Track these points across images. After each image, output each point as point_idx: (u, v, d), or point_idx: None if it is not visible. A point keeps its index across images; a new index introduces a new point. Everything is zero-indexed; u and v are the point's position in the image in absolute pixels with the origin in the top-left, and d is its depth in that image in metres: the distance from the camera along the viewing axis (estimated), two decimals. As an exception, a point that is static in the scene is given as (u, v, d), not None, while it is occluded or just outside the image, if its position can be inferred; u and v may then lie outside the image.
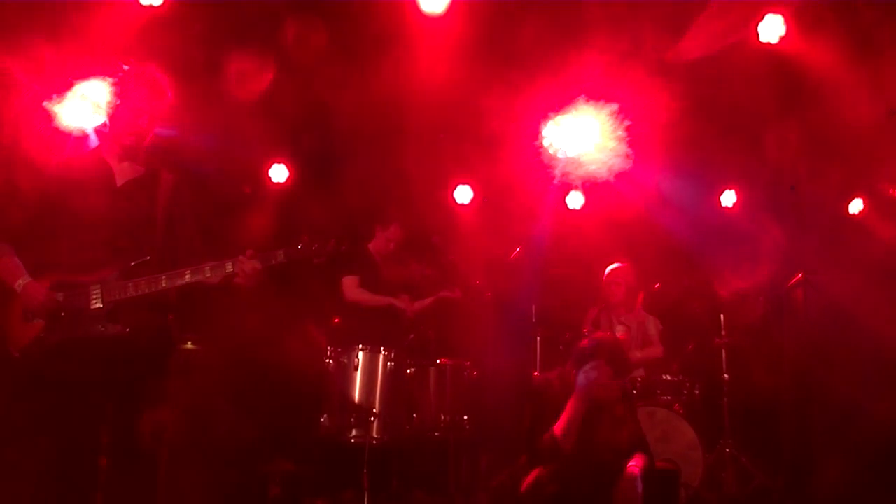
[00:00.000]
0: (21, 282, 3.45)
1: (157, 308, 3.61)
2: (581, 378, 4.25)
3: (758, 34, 6.09)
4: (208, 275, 3.54)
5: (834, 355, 6.18)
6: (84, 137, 3.69)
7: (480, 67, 6.46)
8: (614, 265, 6.83)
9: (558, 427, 4.15)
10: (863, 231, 7.78)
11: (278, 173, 7.62)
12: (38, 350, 3.45)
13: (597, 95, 6.78)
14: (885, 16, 5.93)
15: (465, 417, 5.98)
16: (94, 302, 3.47)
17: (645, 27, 6.21)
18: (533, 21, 6.13)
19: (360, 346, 5.81)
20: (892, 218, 7.63)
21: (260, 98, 6.41)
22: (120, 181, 3.64)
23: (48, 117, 3.83)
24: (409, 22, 5.96)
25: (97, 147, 3.73)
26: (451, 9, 5.83)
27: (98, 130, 3.68)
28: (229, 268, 3.55)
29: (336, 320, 6.22)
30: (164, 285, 3.51)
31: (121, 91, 3.59)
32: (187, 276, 3.53)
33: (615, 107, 6.59)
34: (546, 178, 7.39)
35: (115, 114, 3.61)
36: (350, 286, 6.21)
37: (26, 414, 3.49)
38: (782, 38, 6.09)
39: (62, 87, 4.50)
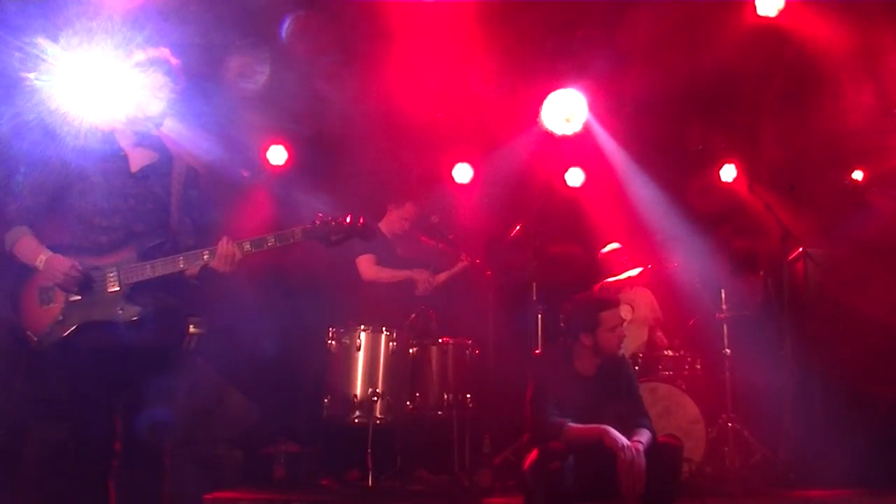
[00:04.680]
0: (42, 257, 3.44)
1: (171, 291, 3.61)
2: (607, 338, 4.31)
3: (755, 7, 6.06)
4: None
5: (835, 328, 6.20)
6: (99, 123, 3.69)
7: (477, 47, 6.45)
8: (610, 247, 6.92)
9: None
10: (863, 204, 7.78)
11: (276, 155, 7.59)
12: (56, 334, 3.43)
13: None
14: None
15: (468, 396, 5.99)
16: (112, 285, 3.47)
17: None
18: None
19: (362, 327, 5.82)
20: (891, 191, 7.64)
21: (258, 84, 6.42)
22: (134, 167, 3.66)
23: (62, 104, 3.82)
24: (406, 5, 5.94)
25: (112, 133, 3.73)
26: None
27: (113, 116, 3.67)
28: (247, 247, 3.57)
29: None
30: (181, 266, 3.52)
31: (134, 77, 3.60)
32: (205, 257, 3.55)
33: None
34: (545, 155, 7.39)
35: (129, 99, 3.62)
36: (366, 264, 6.19)
37: (44, 397, 3.51)
38: (781, 12, 6.05)
39: (76, 74, 4.47)
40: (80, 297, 3.46)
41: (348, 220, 3.64)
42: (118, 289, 3.48)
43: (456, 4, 6.01)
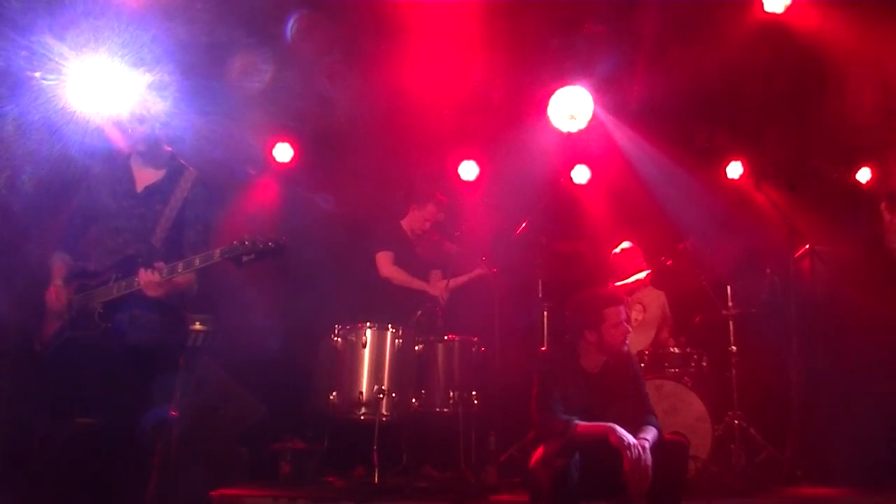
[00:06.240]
0: (52, 286, 3.83)
1: (153, 304, 3.75)
2: (611, 335, 4.31)
3: (762, 4, 6.03)
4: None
5: (841, 326, 6.18)
6: (105, 123, 3.79)
7: (483, 45, 6.44)
8: (623, 246, 6.90)
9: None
10: (870, 201, 7.75)
11: (282, 153, 7.60)
12: (52, 345, 3.77)
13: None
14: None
15: (474, 393, 5.99)
16: (96, 305, 3.76)
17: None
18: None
19: (368, 324, 5.83)
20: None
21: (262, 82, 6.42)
22: (140, 187, 3.85)
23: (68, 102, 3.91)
24: (411, 3, 5.94)
25: (123, 152, 3.89)
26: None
27: (118, 115, 3.76)
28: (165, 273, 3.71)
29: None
30: (123, 290, 3.73)
31: (139, 75, 3.70)
32: (136, 284, 3.71)
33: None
34: (552, 152, 7.38)
35: (134, 98, 3.70)
36: (385, 261, 6.30)
37: (41, 399, 3.71)
38: (788, 8, 6.03)
39: (81, 73, 4.52)
40: (71, 315, 3.80)
41: (260, 241, 3.63)
42: (98, 308, 3.75)
43: (461, 2, 6.00)
